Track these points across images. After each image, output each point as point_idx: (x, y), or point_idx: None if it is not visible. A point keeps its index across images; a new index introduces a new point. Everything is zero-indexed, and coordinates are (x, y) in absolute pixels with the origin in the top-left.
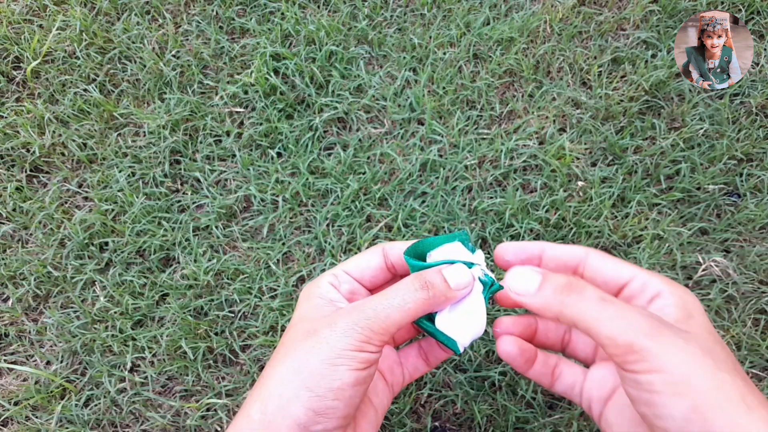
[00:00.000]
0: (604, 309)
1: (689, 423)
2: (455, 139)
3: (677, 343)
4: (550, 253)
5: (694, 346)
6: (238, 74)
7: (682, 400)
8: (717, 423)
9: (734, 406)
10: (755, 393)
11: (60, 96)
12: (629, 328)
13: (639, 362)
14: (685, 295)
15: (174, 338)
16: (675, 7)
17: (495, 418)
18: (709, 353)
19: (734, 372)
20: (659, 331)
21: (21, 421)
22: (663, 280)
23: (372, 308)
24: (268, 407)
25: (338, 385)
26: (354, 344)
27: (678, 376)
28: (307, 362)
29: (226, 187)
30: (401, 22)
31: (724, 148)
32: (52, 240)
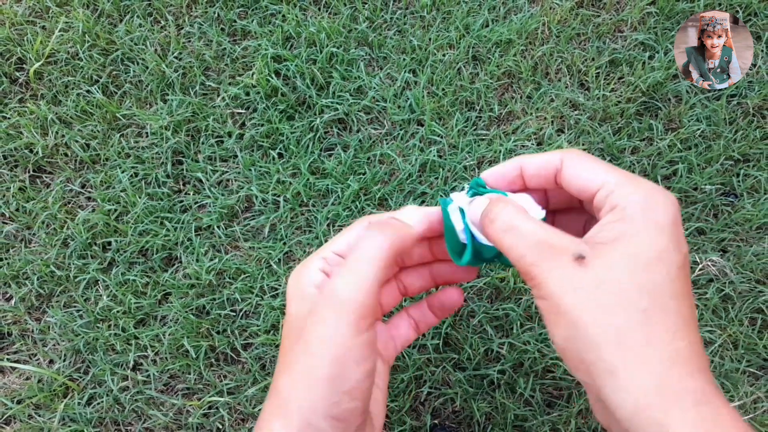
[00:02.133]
0: (506, 238)
1: (565, 351)
2: (454, 139)
3: (560, 274)
4: (530, 171)
5: (582, 276)
6: (240, 76)
7: (559, 329)
8: (587, 356)
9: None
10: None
11: (63, 97)
12: (522, 257)
13: (534, 288)
14: (639, 210)
15: (176, 337)
16: (672, 9)
17: (494, 415)
18: (600, 284)
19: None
20: (547, 260)
21: (24, 419)
22: (627, 190)
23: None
24: (291, 420)
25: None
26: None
27: (555, 306)
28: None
29: (228, 187)
30: (401, 25)
31: (721, 148)
32: (55, 240)
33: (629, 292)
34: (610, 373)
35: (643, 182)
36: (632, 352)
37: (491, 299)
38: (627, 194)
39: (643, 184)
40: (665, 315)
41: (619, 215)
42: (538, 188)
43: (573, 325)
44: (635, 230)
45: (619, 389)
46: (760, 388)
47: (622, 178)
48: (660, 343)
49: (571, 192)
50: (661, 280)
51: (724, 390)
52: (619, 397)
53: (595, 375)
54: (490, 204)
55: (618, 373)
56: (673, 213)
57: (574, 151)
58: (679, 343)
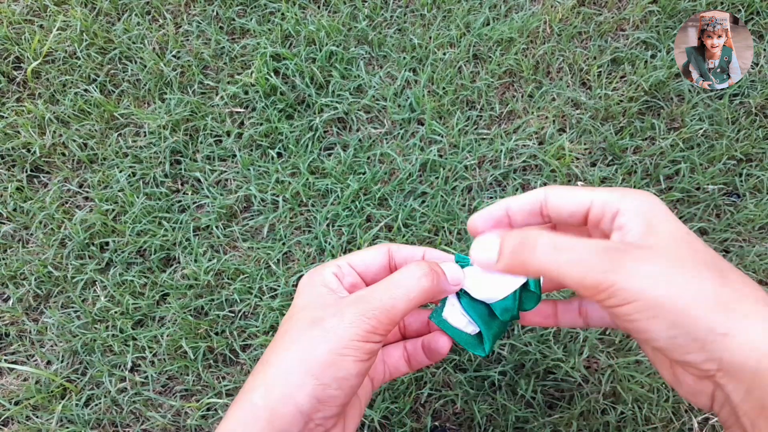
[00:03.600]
0: (560, 257)
1: (674, 338)
2: (455, 139)
3: (640, 269)
4: (515, 209)
5: (656, 263)
6: (239, 74)
7: (660, 321)
8: (698, 331)
9: (710, 310)
10: (729, 284)
11: (60, 96)
12: (589, 269)
13: (610, 298)
14: (642, 205)
15: (174, 338)
16: (674, 8)
17: (495, 417)
18: (675, 263)
19: (705, 271)
20: (618, 262)
21: (21, 420)
22: (619, 195)
23: (378, 298)
24: (272, 393)
25: (343, 375)
26: (361, 335)
27: (647, 301)
28: (313, 351)
29: (227, 187)
30: (401, 23)
31: (723, 148)
32: (52, 240)
33: (701, 262)
34: (726, 335)
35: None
36: (736, 309)
37: None
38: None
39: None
40: (732, 271)
41: (630, 215)
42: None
43: (675, 309)
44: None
45: (738, 348)
46: None
47: (604, 191)
48: (750, 296)
49: (561, 217)
50: (705, 249)
51: None
52: (742, 354)
53: (712, 345)
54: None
55: (732, 332)
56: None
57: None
58: (759, 293)
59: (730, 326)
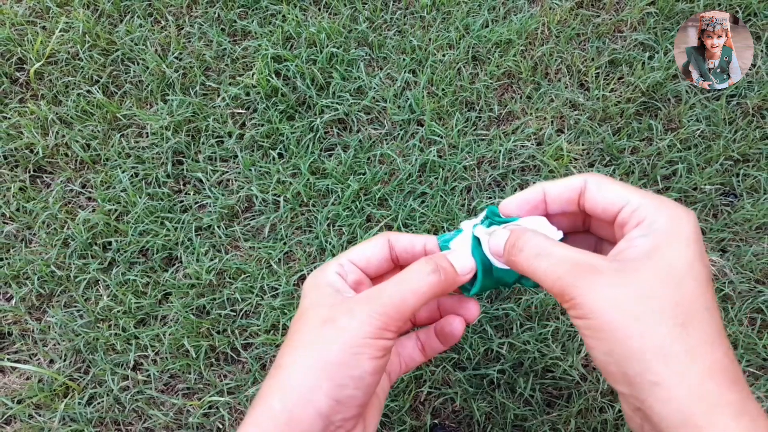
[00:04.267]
0: (538, 264)
1: (608, 365)
2: (454, 140)
3: (601, 292)
4: (553, 195)
5: (623, 290)
6: (240, 76)
7: (602, 344)
8: (630, 369)
9: (649, 354)
10: (683, 342)
11: (63, 97)
12: (557, 278)
13: (571, 309)
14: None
15: (176, 337)
16: (672, 9)
17: (494, 415)
18: (639, 298)
19: (664, 318)
20: (584, 280)
21: (24, 419)
22: (655, 205)
23: (388, 295)
24: (290, 397)
25: (359, 374)
26: (374, 332)
27: (597, 323)
28: (327, 351)
29: (228, 187)
30: (401, 25)
31: (720, 148)
32: (55, 240)
33: (668, 306)
34: (655, 384)
35: (665, 200)
36: (675, 364)
37: (491, 299)
38: (652, 210)
39: (665, 201)
40: (701, 327)
41: (647, 230)
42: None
43: (616, 340)
44: (666, 243)
45: (664, 400)
46: (759, 388)
47: (644, 195)
48: (700, 355)
49: (595, 212)
50: (695, 293)
51: None
52: (664, 408)
53: (639, 387)
54: (513, 234)
55: (663, 384)
56: (696, 228)
57: (596, 174)
58: (716, 354)
59: (662, 377)
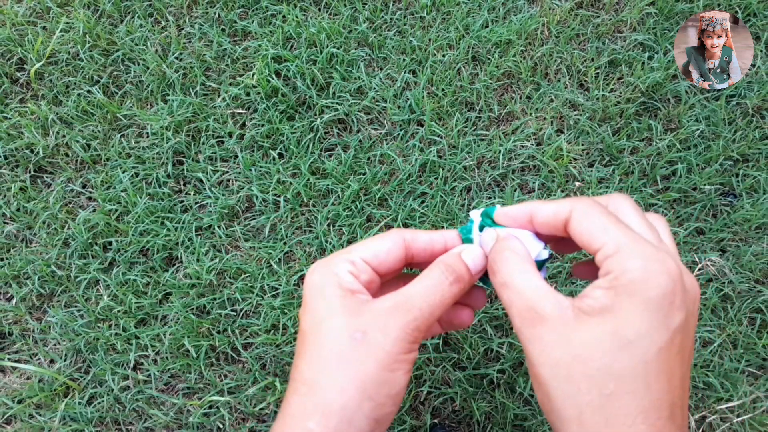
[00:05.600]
0: (502, 293)
1: (545, 413)
2: (454, 140)
3: (537, 345)
4: (539, 219)
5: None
6: (240, 76)
7: (537, 393)
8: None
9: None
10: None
11: (64, 97)
12: (514, 317)
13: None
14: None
15: (177, 336)
16: (672, 10)
17: (493, 415)
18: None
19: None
20: (528, 327)
21: (24, 419)
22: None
23: (418, 307)
24: (330, 419)
25: (396, 391)
26: (407, 347)
27: (533, 372)
28: (365, 370)
29: (229, 187)
30: (401, 25)
31: (720, 148)
32: (56, 240)
33: (600, 373)
34: None
35: (645, 249)
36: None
37: (491, 299)
38: (623, 261)
39: (643, 251)
40: (630, 398)
41: (610, 284)
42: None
43: (546, 396)
44: (620, 307)
45: None
46: (759, 387)
47: (622, 241)
48: (619, 428)
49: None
50: (634, 363)
51: (723, 390)
52: None
53: None
54: (494, 250)
55: None
56: (668, 286)
57: (585, 201)
58: (639, 427)
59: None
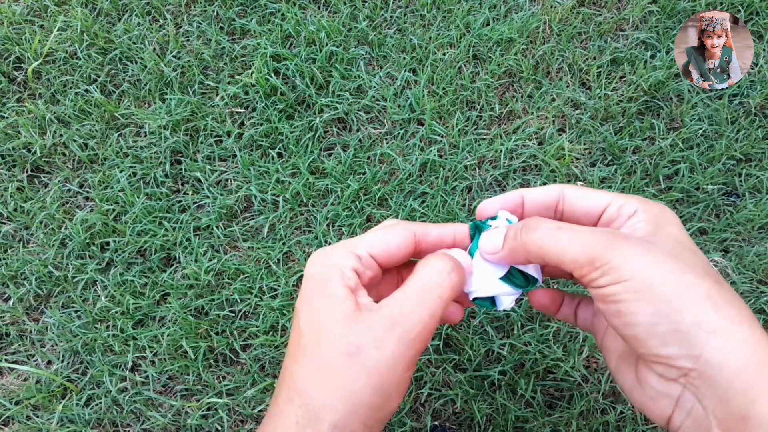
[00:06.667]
0: (561, 235)
1: (655, 326)
2: (455, 139)
3: (637, 251)
4: (530, 200)
5: (656, 253)
6: (239, 75)
7: (646, 305)
8: (683, 323)
9: (701, 305)
10: (724, 292)
11: (61, 96)
12: (587, 245)
13: (602, 276)
14: (659, 211)
15: (175, 338)
16: (674, 8)
17: (494, 417)
18: (674, 258)
19: (702, 273)
20: (618, 243)
21: (22, 420)
22: (638, 200)
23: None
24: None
25: (387, 414)
26: (407, 365)
27: (639, 282)
28: (358, 392)
29: (227, 187)
30: (401, 23)
31: (723, 148)
32: (53, 240)
33: (695, 265)
34: (712, 333)
35: (637, 197)
36: (725, 312)
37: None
38: (640, 203)
39: (646, 199)
40: (725, 284)
41: (644, 216)
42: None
43: (663, 296)
44: (666, 225)
45: (722, 347)
46: None
47: (622, 197)
48: (739, 305)
49: (575, 214)
50: (704, 260)
51: None
52: (722, 356)
53: (694, 340)
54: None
55: (719, 332)
56: (680, 221)
57: (571, 185)
58: (747, 309)
59: (719, 325)
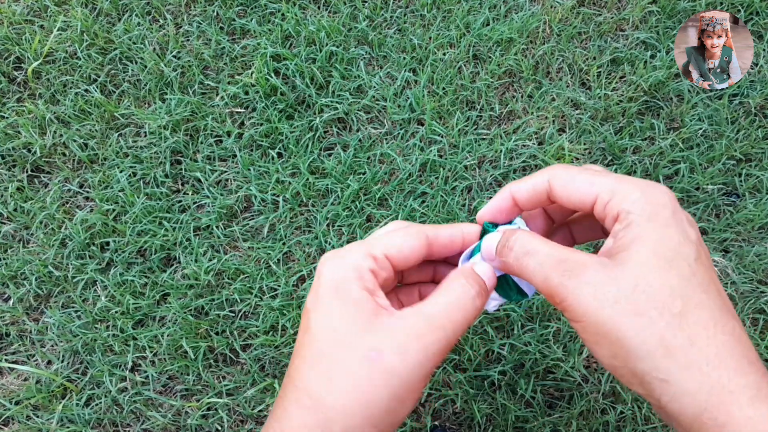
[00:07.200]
0: (527, 263)
1: (615, 369)
2: (455, 139)
3: (588, 292)
4: (521, 198)
5: (611, 287)
6: (239, 75)
7: (602, 348)
8: (637, 369)
9: (651, 352)
10: (684, 332)
11: (61, 96)
12: (547, 278)
13: (564, 311)
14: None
15: (175, 338)
16: (674, 8)
17: (494, 417)
18: (630, 292)
19: (660, 310)
20: (572, 277)
21: (22, 420)
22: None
23: (442, 328)
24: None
25: (401, 418)
26: (426, 374)
27: (592, 325)
28: (374, 396)
29: (227, 187)
30: (401, 23)
31: (722, 148)
32: (53, 240)
33: (662, 295)
34: (664, 381)
35: (635, 181)
36: (679, 356)
37: None
38: (624, 198)
39: (634, 183)
40: (700, 311)
41: (624, 221)
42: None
43: (617, 341)
44: (646, 231)
45: (676, 397)
46: None
47: (612, 183)
48: (704, 342)
49: (567, 207)
50: (686, 275)
51: None
52: (677, 405)
53: (650, 386)
54: (505, 234)
55: (671, 380)
56: (674, 204)
57: (558, 167)
58: (721, 337)
59: (670, 373)
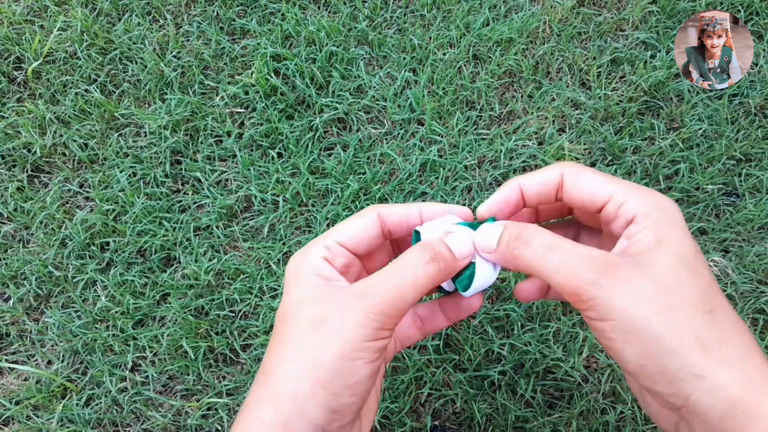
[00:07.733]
0: (549, 258)
1: (644, 367)
2: (455, 139)
3: (623, 289)
4: (530, 191)
5: (645, 286)
6: (239, 75)
7: (633, 347)
8: (670, 366)
9: (688, 348)
10: (717, 327)
11: (61, 96)
12: (574, 276)
13: (589, 310)
14: (660, 216)
15: (175, 338)
16: (674, 8)
17: (494, 417)
18: (664, 291)
19: (694, 308)
20: (605, 275)
21: (22, 420)
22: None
23: (385, 290)
24: (282, 409)
25: (355, 380)
26: (369, 334)
27: (625, 323)
28: (320, 358)
29: (227, 187)
30: (401, 23)
31: (722, 148)
32: (53, 240)
33: (694, 295)
34: (698, 377)
35: (646, 189)
36: (715, 352)
37: (492, 300)
38: (640, 203)
39: (646, 191)
40: (726, 311)
41: (644, 223)
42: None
43: (650, 338)
44: (668, 235)
45: (711, 391)
46: None
47: (627, 188)
48: (734, 339)
49: (574, 205)
50: (708, 280)
51: None
52: (709, 400)
53: (681, 383)
54: (512, 227)
55: (706, 375)
56: (679, 211)
57: (571, 164)
58: (746, 336)
59: (705, 368)
